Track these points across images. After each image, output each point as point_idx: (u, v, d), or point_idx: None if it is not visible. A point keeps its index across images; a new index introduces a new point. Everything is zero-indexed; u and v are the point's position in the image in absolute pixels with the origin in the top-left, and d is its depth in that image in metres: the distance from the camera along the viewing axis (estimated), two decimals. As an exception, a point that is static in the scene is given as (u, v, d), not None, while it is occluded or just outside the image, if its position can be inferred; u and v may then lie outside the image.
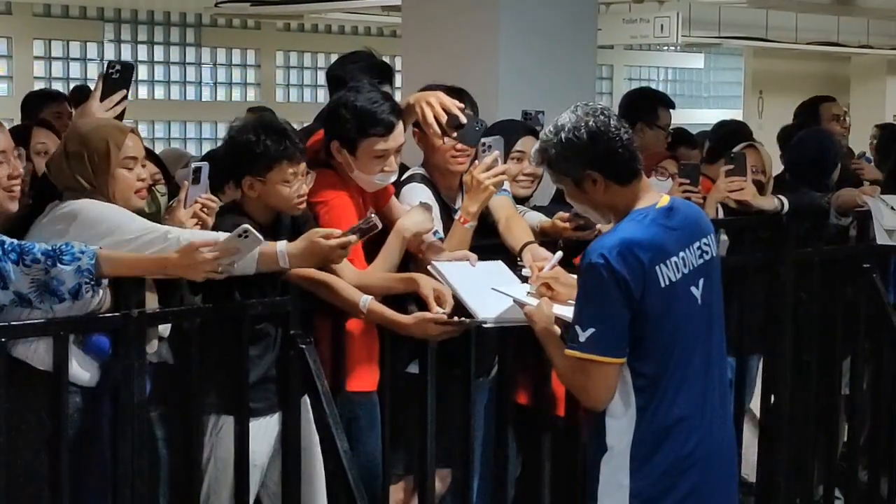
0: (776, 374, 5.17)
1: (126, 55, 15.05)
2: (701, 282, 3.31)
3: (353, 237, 3.63)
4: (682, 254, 3.26)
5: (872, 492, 5.48)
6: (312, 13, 13.47)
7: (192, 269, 3.38)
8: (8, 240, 3.34)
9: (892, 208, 5.30)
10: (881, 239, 5.24)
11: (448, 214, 4.33)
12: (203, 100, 15.77)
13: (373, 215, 3.74)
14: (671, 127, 6.52)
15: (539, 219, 4.52)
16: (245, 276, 3.58)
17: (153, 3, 14.73)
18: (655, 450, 3.26)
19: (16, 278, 3.25)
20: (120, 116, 3.92)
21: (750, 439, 5.33)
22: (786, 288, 5.07)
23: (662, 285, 3.22)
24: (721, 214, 5.30)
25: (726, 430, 3.43)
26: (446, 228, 4.25)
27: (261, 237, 3.44)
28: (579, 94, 5.89)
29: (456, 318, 3.79)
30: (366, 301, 3.81)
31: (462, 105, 4.18)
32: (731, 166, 5.08)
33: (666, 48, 18.81)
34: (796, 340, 5.14)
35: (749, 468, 5.53)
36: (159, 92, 15.47)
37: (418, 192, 4.28)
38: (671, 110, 6.46)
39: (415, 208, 4.10)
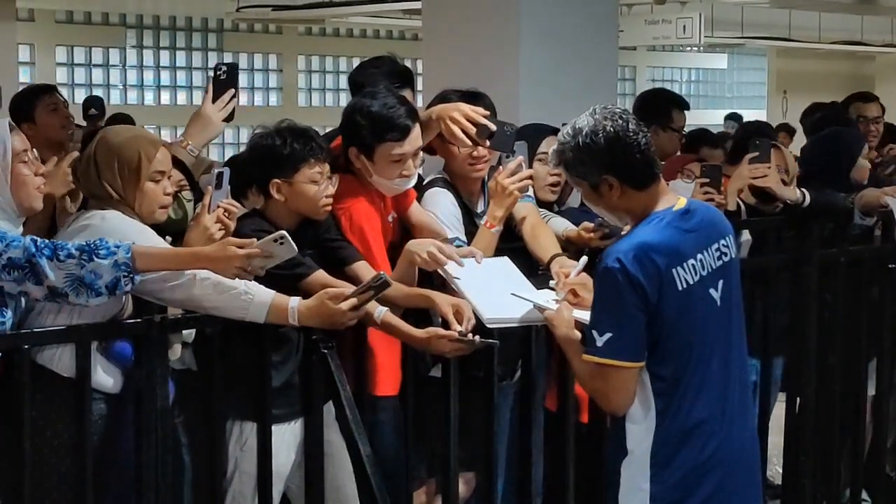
0: (801, 376, 5.14)
1: (148, 61, 15.13)
2: (720, 284, 3.30)
3: (365, 296, 3.61)
4: (699, 256, 3.25)
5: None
6: (334, 17, 13.50)
7: (224, 264, 3.39)
8: (39, 238, 3.36)
9: None
10: None
11: (470, 219, 4.32)
12: (225, 105, 15.80)
13: (382, 273, 3.70)
14: (692, 127, 6.50)
15: (565, 226, 4.50)
16: (263, 279, 3.57)
17: (175, 8, 14.80)
18: (675, 453, 3.25)
19: (51, 273, 3.26)
20: (230, 116, 4.13)
21: (775, 441, 5.31)
22: (810, 289, 5.04)
23: (680, 288, 3.20)
24: (744, 214, 5.28)
25: (747, 432, 3.41)
26: (468, 232, 4.24)
27: (295, 247, 3.46)
28: (600, 96, 5.90)
29: (468, 337, 3.76)
30: (381, 312, 3.80)
31: (486, 112, 4.18)
32: (755, 153, 5.06)
33: (689, 49, 18.77)
34: (821, 342, 5.11)
35: (774, 470, 5.51)
36: (181, 97, 15.53)
37: (441, 197, 4.28)
38: (686, 111, 6.43)
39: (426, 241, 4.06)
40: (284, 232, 3.44)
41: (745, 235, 5.27)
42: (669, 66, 20.24)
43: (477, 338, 3.76)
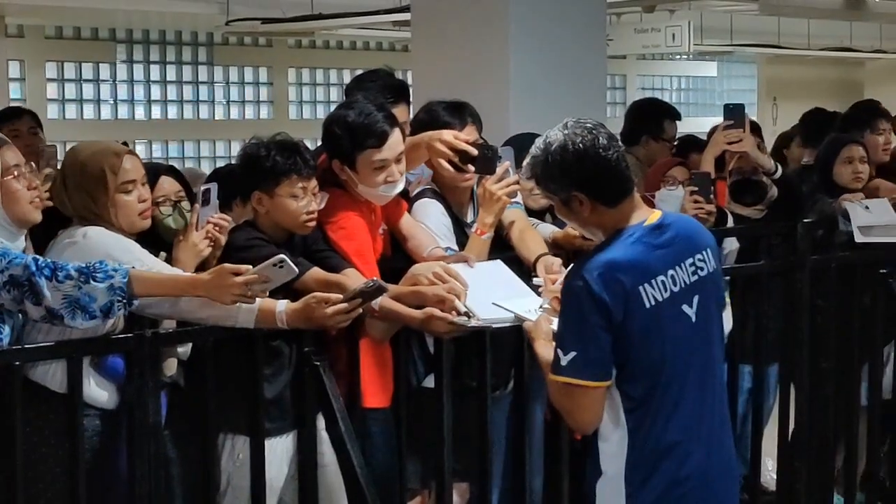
0: (794, 382, 5.14)
1: (138, 75, 15.10)
2: (695, 300, 3.22)
3: (355, 302, 3.61)
4: (670, 272, 3.18)
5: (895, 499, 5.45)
6: (323, 30, 13.48)
7: (222, 292, 3.38)
8: (40, 257, 3.35)
9: (867, 207, 5.30)
10: (858, 237, 5.23)
11: (460, 228, 4.33)
12: (216, 118, 15.81)
13: (377, 279, 3.71)
14: (681, 134, 6.51)
15: (552, 230, 4.54)
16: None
17: (164, 22, 14.77)
18: (650, 474, 3.19)
19: (48, 294, 3.25)
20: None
21: (769, 448, 5.31)
22: (802, 295, 5.04)
23: (647, 306, 3.13)
24: (731, 222, 5.29)
25: (724, 451, 3.34)
26: (459, 242, 4.25)
27: (296, 269, 3.46)
28: (590, 105, 5.92)
29: (462, 319, 3.75)
30: (378, 299, 3.79)
31: (470, 137, 4.18)
32: (730, 120, 5.07)
33: (678, 57, 18.79)
34: (813, 347, 5.12)
35: (769, 476, 5.51)
36: (172, 111, 15.51)
37: (430, 208, 4.29)
38: (678, 122, 6.46)
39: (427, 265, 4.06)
40: (284, 256, 3.43)
41: (734, 243, 5.29)
42: (659, 74, 20.23)
43: (473, 319, 3.74)
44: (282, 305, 3.58)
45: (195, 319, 3.55)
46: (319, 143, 4.47)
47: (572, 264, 3.31)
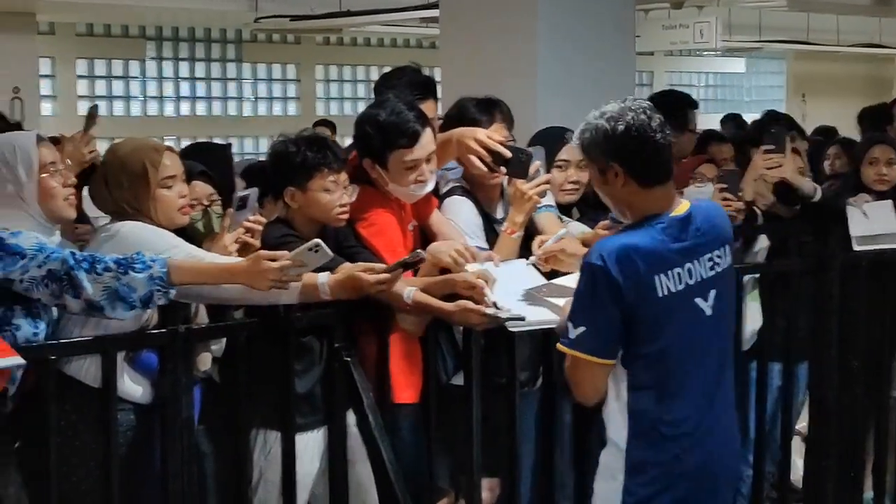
0: (823, 380, 5.14)
1: (168, 72, 15.18)
2: (711, 294, 3.31)
3: (397, 272, 3.65)
4: (688, 265, 3.26)
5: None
6: (351, 27, 13.51)
7: (259, 278, 3.41)
8: (77, 251, 3.38)
9: (865, 214, 5.26)
10: (855, 246, 5.19)
11: (490, 225, 4.34)
12: (244, 115, 15.88)
13: (419, 250, 3.75)
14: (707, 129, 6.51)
15: (581, 230, 4.52)
16: None
17: (194, 19, 14.84)
18: (651, 454, 3.29)
19: (89, 286, 3.29)
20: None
21: (798, 446, 5.30)
22: (832, 293, 5.03)
23: (660, 294, 3.22)
24: (761, 219, 5.28)
25: (730, 441, 3.43)
26: (489, 240, 4.26)
27: (330, 252, 3.48)
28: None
29: (493, 310, 3.78)
30: (410, 292, 3.81)
31: (503, 137, 4.19)
32: (770, 144, 5.05)
33: (706, 53, 18.73)
34: (843, 345, 5.10)
35: (798, 475, 5.50)
36: (201, 108, 15.59)
37: (461, 205, 4.30)
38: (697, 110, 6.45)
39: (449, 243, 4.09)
40: (319, 240, 3.46)
41: (764, 241, 5.28)
42: (687, 70, 20.20)
43: (505, 309, 3.76)
44: (324, 277, 3.60)
45: (238, 302, 3.58)
46: (349, 140, 4.50)
47: (594, 244, 3.38)
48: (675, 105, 6.39)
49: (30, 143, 3.49)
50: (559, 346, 3.31)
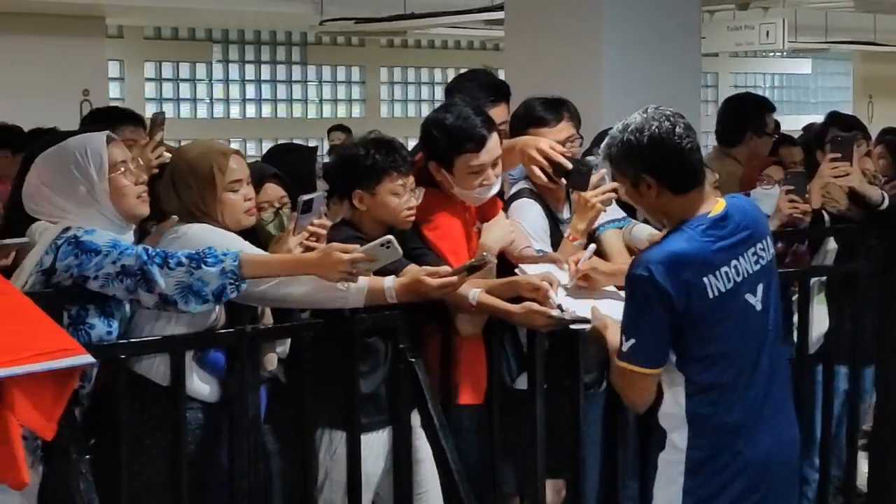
0: (889, 383, 5.09)
1: (234, 75, 15.32)
2: (759, 288, 3.32)
3: (462, 276, 3.67)
4: (734, 262, 3.27)
5: None
6: (416, 29, 13.56)
7: (330, 269, 3.44)
8: (150, 247, 3.44)
9: None
10: None
11: (556, 226, 4.34)
12: (309, 117, 15.97)
13: (486, 254, 3.77)
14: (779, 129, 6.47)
15: (649, 232, 4.50)
16: None
17: (260, 22, 14.97)
18: (710, 454, 3.29)
19: (162, 281, 3.34)
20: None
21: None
22: (899, 295, 4.99)
23: (711, 296, 3.23)
24: (828, 222, 5.24)
25: (787, 435, 3.43)
26: (555, 241, 4.26)
27: (400, 250, 3.51)
28: (684, 103, 5.86)
29: (558, 313, 3.79)
30: (475, 294, 3.83)
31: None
32: (837, 152, 5.01)
33: (772, 54, 18.59)
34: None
35: (863, 478, 5.45)
36: (266, 110, 15.71)
37: (528, 208, 4.30)
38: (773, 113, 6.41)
39: (494, 223, 4.11)
40: (391, 237, 3.49)
41: (831, 243, 5.24)
42: (752, 71, 20.07)
43: (570, 311, 3.77)
44: (390, 281, 3.63)
45: (303, 304, 3.61)
46: (412, 141, 4.51)
47: (638, 255, 3.40)
48: (753, 108, 6.35)
49: (100, 143, 3.54)
50: (615, 360, 3.32)
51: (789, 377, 3.50)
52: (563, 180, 4.17)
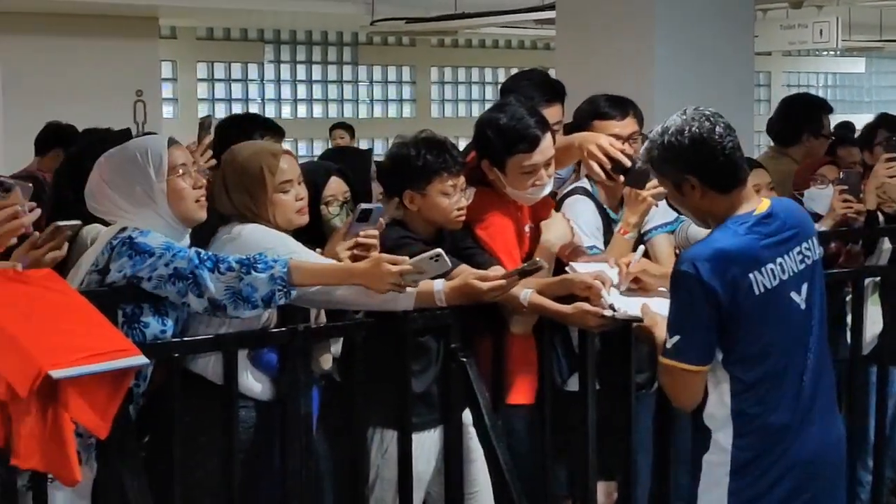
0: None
1: (285, 75, 15.39)
2: (804, 287, 3.31)
3: (512, 279, 3.67)
4: (779, 260, 3.26)
5: None
6: (466, 28, 13.58)
7: (378, 280, 3.45)
8: (202, 250, 3.47)
9: None
10: None
11: (608, 225, 4.33)
12: (360, 117, 16.02)
13: (538, 259, 3.77)
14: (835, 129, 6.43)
15: (704, 234, 4.48)
16: None
17: (311, 23, 15.03)
18: (756, 454, 3.28)
19: (212, 286, 3.37)
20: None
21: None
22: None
23: (757, 293, 3.22)
24: (882, 222, 5.20)
25: (832, 434, 3.41)
26: (607, 239, 4.26)
27: (449, 263, 3.52)
28: (737, 103, 5.88)
29: (610, 313, 3.79)
30: (527, 294, 3.83)
31: (626, 148, 4.18)
32: (893, 153, 4.96)
33: (825, 53, 18.45)
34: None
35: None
36: (317, 110, 15.77)
37: (581, 206, 4.30)
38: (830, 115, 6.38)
39: (554, 220, 4.12)
40: (440, 250, 3.49)
41: (886, 243, 5.19)
42: (805, 70, 19.93)
43: (621, 311, 3.77)
44: (440, 284, 3.63)
45: (354, 306, 3.63)
46: (463, 142, 4.51)
47: (683, 252, 3.41)
48: (810, 109, 6.33)
49: (161, 145, 3.57)
50: (660, 358, 3.31)
51: (834, 377, 3.48)
52: (622, 178, 4.16)
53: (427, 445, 3.93)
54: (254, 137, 4.46)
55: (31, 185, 3.25)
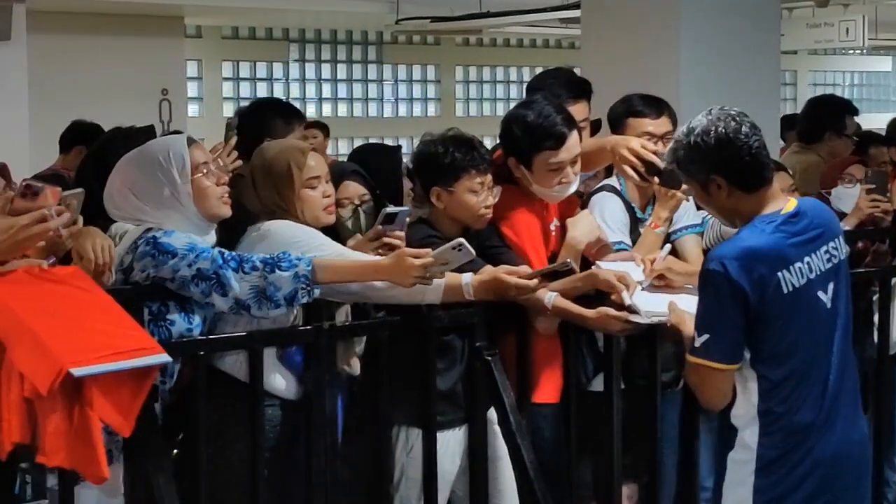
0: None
1: (310, 74, 15.41)
2: (830, 286, 3.32)
3: (541, 278, 3.67)
4: (807, 259, 3.27)
5: None
6: (491, 27, 13.56)
7: (403, 275, 3.45)
8: (225, 250, 3.48)
9: None
10: None
11: (635, 223, 4.32)
12: (385, 116, 16.03)
13: (569, 260, 3.77)
14: (861, 130, 6.45)
15: (733, 234, 4.47)
16: None
17: (336, 22, 15.04)
18: (781, 452, 3.28)
19: (236, 285, 3.38)
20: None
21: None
22: None
23: (785, 291, 3.23)
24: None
25: (856, 433, 3.41)
26: (633, 238, 4.25)
27: (473, 252, 3.51)
28: (763, 102, 5.85)
29: (636, 317, 3.78)
30: (551, 297, 3.84)
31: (659, 147, 4.18)
32: None
33: (852, 52, 18.37)
34: None
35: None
36: (342, 109, 15.78)
37: (608, 201, 4.30)
38: (856, 117, 6.39)
39: (580, 218, 4.11)
40: (462, 239, 3.49)
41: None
42: (832, 69, 19.85)
43: (645, 315, 3.76)
44: (467, 278, 3.63)
45: (381, 299, 3.63)
46: (488, 141, 4.51)
47: (711, 251, 3.41)
48: (834, 108, 6.38)
49: (181, 145, 3.58)
50: (687, 356, 3.31)
51: (858, 376, 3.48)
52: (656, 179, 4.15)
53: (452, 444, 3.93)
54: (275, 125, 4.48)
55: (60, 188, 3.24)
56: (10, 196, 3.14)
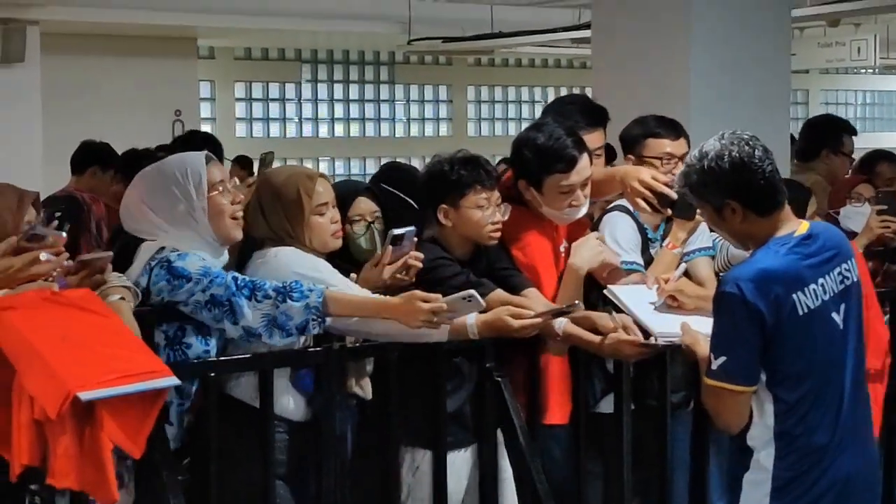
0: None
1: (322, 94, 15.46)
2: (842, 307, 3.32)
3: (546, 317, 3.68)
4: (821, 280, 3.27)
5: None
6: (503, 48, 13.59)
7: (411, 316, 3.46)
8: (239, 276, 3.49)
9: None
10: None
11: (646, 244, 4.32)
12: (397, 136, 16.07)
13: (578, 302, 3.77)
14: (865, 149, 6.45)
15: (744, 256, 4.46)
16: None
17: (348, 42, 15.10)
18: (797, 473, 3.27)
19: (248, 313, 3.39)
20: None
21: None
22: None
23: (800, 313, 3.23)
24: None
25: (867, 454, 3.41)
26: (644, 258, 4.24)
27: (482, 304, 3.53)
28: (773, 121, 5.85)
29: (650, 342, 3.78)
30: (561, 323, 3.83)
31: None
32: None
33: (863, 71, 18.36)
34: None
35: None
36: (355, 129, 15.82)
37: (619, 220, 4.29)
38: (854, 137, 6.43)
39: (583, 243, 4.10)
40: (473, 291, 3.50)
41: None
42: (843, 88, 19.84)
43: (660, 340, 3.76)
44: (472, 318, 3.64)
45: (388, 337, 3.63)
46: (499, 158, 4.51)
47: (726, 273, 3.41)
48: (831, 127, 6.37)
49: (200, 163, 3.59)
50: (704, 378, 3.31)
51: (869, 397, 3.48)
52: (668, 210, 4.14)
53: (458, 464, 3.92)
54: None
55: (65, 234, 3.22)
56: (14, 241, 3.15)
